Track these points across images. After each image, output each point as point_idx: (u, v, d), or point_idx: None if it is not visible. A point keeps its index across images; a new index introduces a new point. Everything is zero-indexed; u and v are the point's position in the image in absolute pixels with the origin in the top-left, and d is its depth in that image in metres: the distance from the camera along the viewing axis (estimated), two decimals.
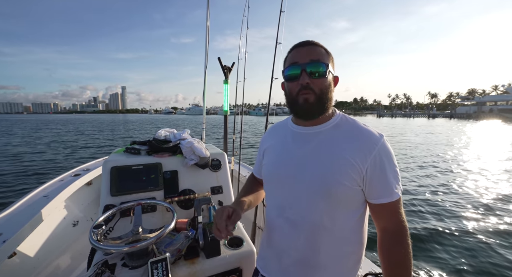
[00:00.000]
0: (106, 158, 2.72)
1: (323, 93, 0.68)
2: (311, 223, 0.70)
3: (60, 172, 2.11)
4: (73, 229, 1.86)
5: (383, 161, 0.65)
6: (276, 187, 0.77)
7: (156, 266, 0.99)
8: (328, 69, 0.68)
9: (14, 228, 1.24)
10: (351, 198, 0.68)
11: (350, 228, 0.71)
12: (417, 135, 17.36)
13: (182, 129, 1.62)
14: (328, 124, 0.72)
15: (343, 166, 0.65)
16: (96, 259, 1.14)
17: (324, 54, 0.69)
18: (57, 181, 1.90)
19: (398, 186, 0.67)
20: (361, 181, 0.66)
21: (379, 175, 0.65)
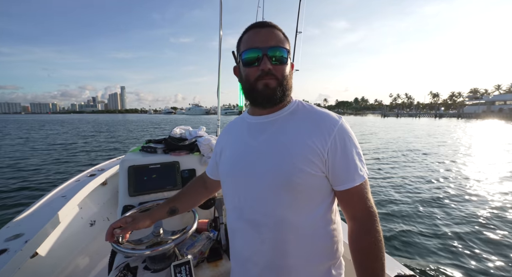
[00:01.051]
0: (120, 158, 2.75)
1: (284, 80, 0.64)
2: (274, 221, 0.63)
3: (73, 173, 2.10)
4: (91, 229, 1.88)
5: (344, 141, 0.62)
6: (233, 186, 0.71)
7: (179, 270, 0.96)
8: (289, 55, 0.65)
9: (35, 228, 1.24)
10: (315, 187, 0.63)
11: (318, 221, 0.64)
12: (456, 138, 15.20)
13: (198, 127, 1.60)
14: (284, 111, 0.68)
15: (302, 151, 0.61)
16: (117, 261, 1.13)
17: (284, 39, 0.66)
18: (73, 181, 1.92)
19: (363, 168, 0.63)
20: (324, 166, 0.62)
21: (341, 157, 0.61)
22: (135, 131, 22.14)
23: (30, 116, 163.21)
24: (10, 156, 9.13)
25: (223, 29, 1.95)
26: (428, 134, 18.40)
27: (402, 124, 32.95)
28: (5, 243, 1.15)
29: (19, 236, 1.20)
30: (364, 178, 0.62)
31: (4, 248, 1.10)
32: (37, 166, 7.44)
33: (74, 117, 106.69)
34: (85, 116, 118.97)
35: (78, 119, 67.59)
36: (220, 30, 1.83)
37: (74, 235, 1.68)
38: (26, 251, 1.14)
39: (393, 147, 11.46)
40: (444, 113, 76.96)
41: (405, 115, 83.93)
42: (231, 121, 0.84)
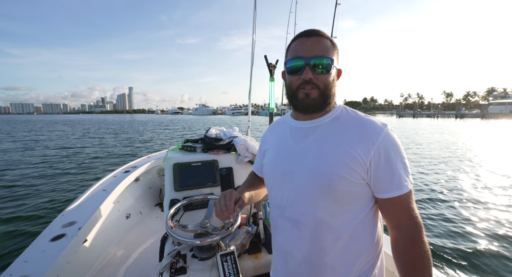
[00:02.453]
0: (150, 156, 2.94)
1: (326, 89, 0.66)
2: (313, 221, 0.67)
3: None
4: (126, 221, 2.07)
5: (389, 151, 0.61)
6: (276, 185, 0.75)
7: (225, 259, 1.06)
8: (333, 64, 0.66)
9: (85, 217, 1.43)
10: (355, 193, 0.64)
11: (358, 226, 0.66)
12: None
13: (232, 127, 1.70)
14: (327, 117, 0.70)
15: (343, 158, 0.63)
16: (167, 249, 1.23)
17: (330, 47, 0.67)
18: (111, 177, 2.11)
19: (408, 178, 0.62)
20: (365, 174, 0.63)
21: (385, 167, 0.61)
22: (145, 132, 20.76)
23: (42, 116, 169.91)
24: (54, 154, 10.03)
25: (228, 29, 2.03)
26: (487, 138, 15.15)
27: (429, 126, 28.66)
28: (62, 229, 1.33)
29: (73, 224, 1.38)
30: (409, 188, 0.62)
31: (63, 233, 1.29)
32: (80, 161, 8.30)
33: (82, 117, 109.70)
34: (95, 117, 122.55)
35: (88, 119, 69.48)
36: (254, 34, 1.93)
37: (113, 225, 1.87)
38: (80, 236, 1.32)
39: (455, 155, 9.12)
40: (466, 113, 71.35)
41: (422, 115, 78.68)
42: (275, 120, 0.89)
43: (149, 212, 2.44)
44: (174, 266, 1.07)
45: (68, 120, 61.66)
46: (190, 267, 1.08)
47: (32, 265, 1.07)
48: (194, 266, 1.08)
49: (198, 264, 1.10)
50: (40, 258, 1.11)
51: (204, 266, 1.08)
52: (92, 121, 49.02)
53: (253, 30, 1.93)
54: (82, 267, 1.44)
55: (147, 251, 1.83)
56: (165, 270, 1.04)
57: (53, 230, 1.33)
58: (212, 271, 1.06)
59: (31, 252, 1.15)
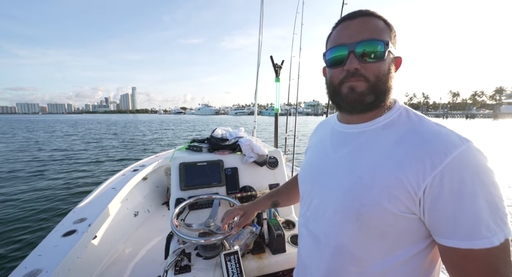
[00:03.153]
0: (158, 155, 3.02)
1: (379, 81, 0.51)
2: (335, 245, 0.56)
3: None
4: (134, 219, 2.14)
5: (462, 179, 0.42)
6: (305, 193, 0.67)
7: (229, 258, 1.07)
8: (387, 48, 0.50)
9: (95, 214, 1.49)
10: (395, 227, 0.49)
11: (399, 269, 0.51)
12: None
13: (238, 128, 1.73)
14: (378, 122, 0.54)
15: (383, 181, 0.48)
16: (172, 247, 1.26)
17: (383, 27, 0.52)
18: (120, 175, 2.18)
19: (496, 226, 0.41)
20: (416, 207, 0.46)
21: (451, 201, 0.43)
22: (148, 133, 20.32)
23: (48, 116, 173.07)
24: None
25: (231, 29, 2.07)
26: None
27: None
28: (73, 225, 1.39)
29: (83, 220, 1.45)
30: (494, 243, 0.41)
31: (74, 229, 1.35)
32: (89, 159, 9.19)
33: (85, 117, 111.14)
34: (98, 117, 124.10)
35: (90, 119, 70.48)
36: (260, 35, 1.96)
37: (122, 223, 1.93)
38: (90, 233, 1.37)
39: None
40: (477, 113, 69.55)
41: (430, 115, 78.04)
42: (323, 119, 0.79)
43: (157, 210, 2.51)
44: (178, 264, 1.09)
45: (72, 120, 63.00)
46: (194, 265, 1.10)
47: (45, 259, 1.13)
48: (198, 264, 1.10)
49: (202, 263, 1.12)
50: (53, 253, 1.17)
51: (208, 265, 1.10)
52: (94, 121, 49.73)
53: (259, 31, 1.95)
54: (92, 263, 1.49)
55: (154, 248, 1.87)
56: (170, 268, 1.07)
57: (65, 226, 1.40)
58: (216, 270, 1.08)
59: (44, 246, 1.22)
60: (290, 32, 2.53)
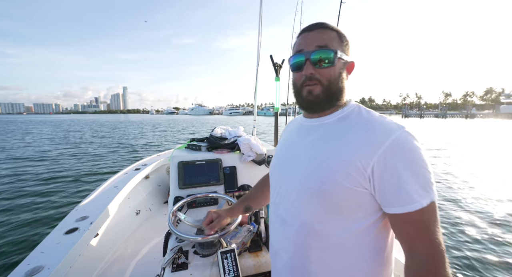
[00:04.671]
0: (160, 154, 3.02)
1: (331, 84, 0.62)
2: (299, 224, 0.64)
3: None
4: (136, 217, 2.17)
5: (397, 157, 0.53)
6: (274, 182, 0.76)
7: (225, 256, 1.10)
8: (337, 55, 0.61)
9: (97, 212, 1.51)
10: (351, 201, 0.58)
11: (356, 240, 0.59)
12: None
13: (237, 127, 1.76)
14: (334, 116, 0.65)
15: (340, 161, 0.58)
16: (170, 245, 1.28)
17: (334, 38, 0.63)
18: (122, 174, 2.19)
19: (424, 191, 0.52)
20: (367, 182, 0.56)
21: (391, 176, 0.53)
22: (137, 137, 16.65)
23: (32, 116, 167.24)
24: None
25: (225, 29, 2.10)
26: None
27: (455, 129, 23.74)
28: (75, 223, 1.43)
29: (85, 218, 1.47)
30: (423, 205, 0.52)
31: (76, 227, 1.38)
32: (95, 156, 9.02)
33: (75, 117, 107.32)
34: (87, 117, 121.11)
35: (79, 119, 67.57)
36: (259, 37, 2.00)
37: (124, 221, 1.96)
38: (92, 230, 1.40)
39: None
40: (476, 113, 67.95)
41: (429, 115, 75.71)
42: (293, 119, 0.88)
43: (158, 209, 2.54)
44: (176, 262, 1.12)
45: (58, 120, 58.85)
46: (192, 263, 1.12)
47: (47, 256, 1.15)
48: (196, 262, 1.13)
49: (199, 260, 1.14)
50: (55, 250, 1.20)
51: (205, 263, 1.12)
52: (80, 122, 46.10)
53: (259, 32, 1.99)
54: (93, 260, 1.52)
55: (156, 247, 1.89)
56: (167, 265, 1.09)
57: (67, 224, 1.42)
58: (213, 267, 1.10)
59: (47, 243, 1.25)
60: (284, 32, 2.57)
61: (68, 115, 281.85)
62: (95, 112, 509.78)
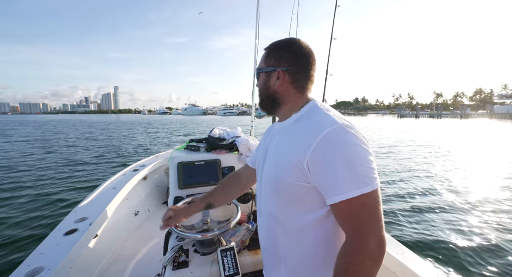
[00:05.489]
0: (158, 155, 3.01)
1: (263, 91, 0.78)
2: (267, 214, 0.75)
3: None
4: (135, 218, 2.19)
5: (326, 152, 0.57)
6: (257, 180, 0.87)
7: (225, 254, 1.13)
8: (261, 70, 0.76)
9: (96, 214, 1.53)
10: (299, 194, 0.65)
11: (307, 228, 0.67)
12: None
13: (235, 128, 1.79)
14: (293, 118, 0.73)
15: (285, 160, 0.65)
16: (171, 244, 1.31)
17: (263, 57, 0.77)
18: (120, 175, 2.20)
19: (352, 184, 0.55)
20: (308, 178, 0.62)
21: (321, 169, 0.58)
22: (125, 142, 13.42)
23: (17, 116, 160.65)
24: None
25: (219, 29, 2.13)
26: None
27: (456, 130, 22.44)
28: (74, 224, 1.44)
29: (84, 219, 1.48)
30: (347, 196, 0.55)
31: (75, 228, 1.39)
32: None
33: (64, 117, 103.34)
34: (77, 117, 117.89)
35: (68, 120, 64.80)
36: (256, 39, 2.04)
37: (122, 222, 1.98)
38: (91, 232, 1.42)
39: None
40: (471, 114, 67.92)
41: (424, 116, 75.59)
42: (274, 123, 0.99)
43: (157, 209, 2.56)
44: (176, 260, 1.14)
45: (42, 121, 54.39)
46: (192, 261, 1.15)
47: (47, 257, 1.16)
48: (196, 260, 1.15)
49: (200, 259, 1.17)
50: (55, 251, 1.20)
51: (205, 261, 1.15)
52: (69, 122, 43.07)
53: (256, 34, 2.04)
54: (93, 261, 1.53)
55: (155, 247, 1.92)
56: (168, 264, 1.12)
57: (66, 225, 1.43)
58: (213, 265, 1.13)
59: (46, 245, 1.25)
60: (277, 32, 2.61)
61: (56, 115, 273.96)
62: (85, 112, 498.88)
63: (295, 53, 0.72)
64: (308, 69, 0.73)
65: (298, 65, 0.72)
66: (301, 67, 0.72)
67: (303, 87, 0.74)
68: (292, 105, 0.74)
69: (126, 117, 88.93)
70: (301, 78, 0.73)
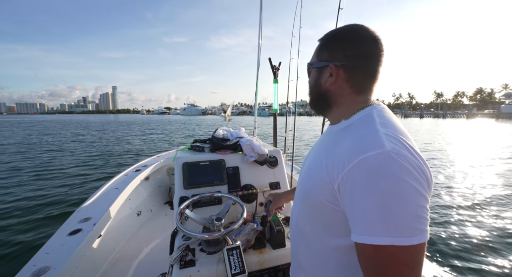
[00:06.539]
0: (160, 155, 3.04)
1: (310, 92, 0.69)
2: (295, 221, 0.72)
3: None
4: (137, 218, 2.23)
5: (360, 178, 0.47)
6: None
7: (231, 253, 1.15)
8: (312, 65, 0.66)
9: (100, 214, 1.57)
10: (328, 216, 0.57)
11: (331, 252, 0.59)
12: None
13: (239, 128, 1.82)
14: (342, 124, 0.62)
15: (318, 173, 0.57)
16: (177, 243, 1.33)
17: (317, 50, 0.66)
18: (123, 175, 2.23)
19: (383, 227, 0.44)
20: (337, 200, 0.53)
21: (351, 199, 0.49)
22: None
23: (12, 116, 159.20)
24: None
25: (217, 28, 2.15)
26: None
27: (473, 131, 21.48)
28: (78, 224, 1.46)
29: (88, 219, 1.51)
30: (378, 242, 0.45)
31: (79, 228, 1.42)
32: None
33: (61, 118, 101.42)
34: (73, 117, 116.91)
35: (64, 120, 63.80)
36: (259, 39, 2.06)
37: (125, 222, 2.02)
38: (95, 232, 1.45)
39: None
40: (477, 114, 66.76)
41: (429, 116, 74.73)
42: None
43: (159, 209, 2.59)
44: (183, 259, 1.16)
45: (36, 121, 51.61)
46: (199, 260, 1.16)
47: (52, 256, 1.18)
48: (202, 259, 1.17)
49: (206, 257, 1.18)
50: (60, 251, 1.23)
51: (211, 259, 1.17)
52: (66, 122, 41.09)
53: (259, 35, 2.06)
54: (97, 260, 1.57)
55: (158, 246, 1.94)
56: (175, 263, 1.13)
57: (70, 225, 1.46)
58: (219, 264, 1.15)
59: (51, 245, 1.28)
60: (277, 33, 2.63)
61: (53, 115, 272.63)
62: (83, 112, 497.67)
63: (353, 43, 0.58)
64: (370, 64, 0.59)
65: (357, 59, 0.58)
66: (361, 61, 0.59)
67: (362, 86, 0.61)
68: (346, 108, 0.62)
69: (124, 117, 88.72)
70: (360, 75, 0.60)
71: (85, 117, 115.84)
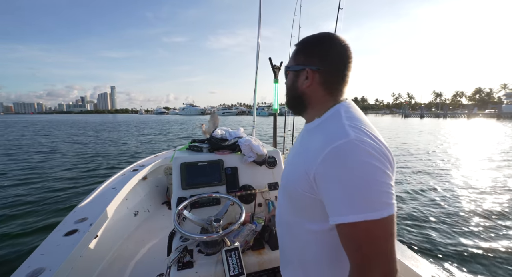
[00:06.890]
0: (158, 155, 3.02)
1: (287, 93, 0.75)
2: (279, 215, 0.77)
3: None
4: (135, 218, 2.21)
5: (332, 167, 0.53)
6: None
7: (230, 254, 1.15)
8: (289, 68, 0.72)
9: (96, 214, 1.54)
10: (307, 205, 0.64)
11: (315, 239, 0.65)
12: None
13: (237, 128, 1.81)
14: (316, 122, 0.69)
15: (297, 167, 0.64)
16: (175, 244, 1.32)
17: (294, 54, 0.72)
18: (120, 175, 2.21)
19: (354, 208, 0.50)
20: (314, 190, 0.59)
21: (327, 185, 0.55)
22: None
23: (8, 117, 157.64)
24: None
25: (215, 28, 2.15)
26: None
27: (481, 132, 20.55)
28: (75, 225, 1.44)
29: (84, 220, 1.49)
30: (348, 220, 0.50)
31: (75, 229, 1.40)
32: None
33: (58, 118, 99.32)
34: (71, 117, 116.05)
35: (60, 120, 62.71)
36: (259, 38, 2.06)
37: (122, 222, 2.00)
38: (91, 232, 1.43)
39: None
40: (478, 113, 66.38)
41: (430, 116, 73.64)
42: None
43: (156, 209, 2.58)
44: (181, 260, 1.15)
45: (33, 121, 49.64)
46: (197, 261, 1.15)
47: (48, 257, 1.16)
48: (200, 260, 1.16)
49: (204, 259, 1.17)
50: (55, 252, 1.21)
51: (209, 261, 1.16)
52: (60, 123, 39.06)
53: (258, 34, 2.05)
54: (94, 261, 1.55)
55: (155, 247, 1.93)
56: (173, 264, 1.12)
57: (66, 226, 1.43)
58: (217, 265, 1.14)
59: (47, 245, 1.25)
60: (275, 33, 2.63)
61: (51, 115, 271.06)
62: (81, 112, 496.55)
63: (327, 50, 0.65)
64: (342, 69, 0.66)
65: (330, 64, 0.65)
66: (334, 66, 0.65)
67: (334, 89, 0.67)
68: (319, 108, 0.69)
69: (123, 117, 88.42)
70: (333, 78, 0.66)
71: (83, 117, 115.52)
